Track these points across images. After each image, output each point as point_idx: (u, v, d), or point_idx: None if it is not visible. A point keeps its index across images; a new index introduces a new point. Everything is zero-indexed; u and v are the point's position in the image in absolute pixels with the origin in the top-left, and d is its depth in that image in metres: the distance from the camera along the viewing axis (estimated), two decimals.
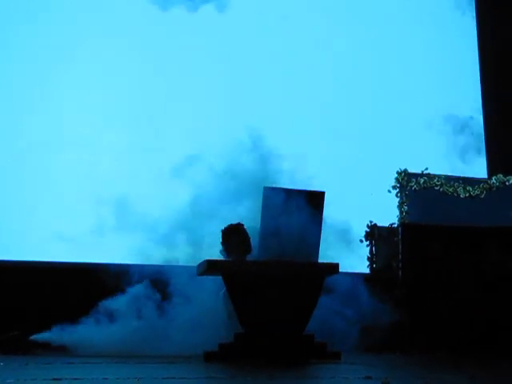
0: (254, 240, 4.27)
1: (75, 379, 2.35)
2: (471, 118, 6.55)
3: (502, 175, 5.32)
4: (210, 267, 4.00)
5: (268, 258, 3.97)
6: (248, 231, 4.46)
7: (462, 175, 5.51)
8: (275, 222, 3.97)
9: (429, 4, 7.25)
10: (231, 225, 4.47)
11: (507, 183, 5.22)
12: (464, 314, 4.70)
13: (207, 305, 4.48)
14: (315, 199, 4.05)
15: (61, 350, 4.53)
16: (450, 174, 5.51)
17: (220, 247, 4.57)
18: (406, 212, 5.22)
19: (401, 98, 6.44)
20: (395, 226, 5.27)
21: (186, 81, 6.48)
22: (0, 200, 5.94)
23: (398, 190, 5.31)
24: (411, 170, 5.41)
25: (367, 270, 5.29)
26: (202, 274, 4.19)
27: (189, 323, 4.46)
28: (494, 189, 5.25)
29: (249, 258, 4.33)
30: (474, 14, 7.37)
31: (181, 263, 5.01)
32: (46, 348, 4.54)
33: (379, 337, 4.53)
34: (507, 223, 5.10)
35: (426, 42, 7.03)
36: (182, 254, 5.18)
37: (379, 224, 5.32)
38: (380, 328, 4.55)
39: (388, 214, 5.38)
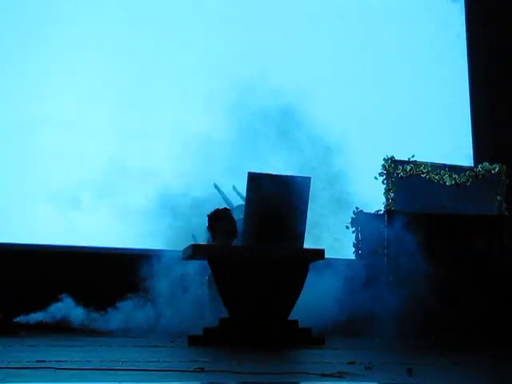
0: (241, 225, 4.28)
1: (59, 361, 2.36)
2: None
3: (487, 163, 5.34)
4: (195, 252, 4.01)
5: (253, 243, 3.98)
6: (234, 216, 4.45)
7: (448, 163, 5.49)
8: (260, 207, 3.98)
9: None
10: (217, 210, 4.48)
11: (493, 171, 5.24)
12: (451, 302, 4.71)
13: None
14: (301, 184, 4.05)
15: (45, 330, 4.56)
16: (436, 161, 5.48)
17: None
18: (392, 199, 5.22)
19: (389, 86, 6.46)
20: (381, 212, 5.25)
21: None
22: None
23: (384, 176, 5.29)
24: (398, 158, 5.38)
25: (353, 256, 5.32)
26: (187, 258, 4.20)
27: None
28: (480, 177, 5.26)
29: (235, 243, 4.33)
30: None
31: None
32: (31, 330, 4.55)
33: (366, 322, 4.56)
34: (492, 211, 5.14)
35: (418, 39, 7.03)
36: None
37: (365, 211, 5.35)
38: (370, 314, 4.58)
39: (374, 200, 5.40)
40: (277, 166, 5.13)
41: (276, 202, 3.98)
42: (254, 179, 4.02)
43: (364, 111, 6.14)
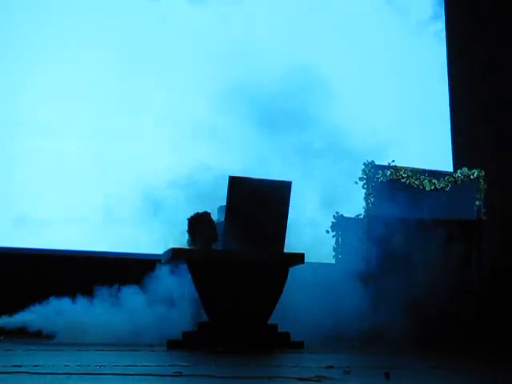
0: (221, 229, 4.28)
1: (36, 366, 2.34)
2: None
3: (466, 168, 5.38)
4: (175, 255, 4.01)
5: (233, 247, 3.98)
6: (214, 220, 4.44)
7: (428, 168, 5.53)
8: (241, 211, 3.98)
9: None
10: (197, 213, 4.45)
11: (471, 177, 5.28)
12: (429, 304, 4.74)
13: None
14: (281, 189, 4.06)
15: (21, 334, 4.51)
16: (416, 166, 5.51)
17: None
18: (372, 204, 5.23)
19: (370, 92, 6.49)
20: (361, 217, 5.27)
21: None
22: None
23: (364, 181, 5.30)
24: (378, 162, 5.41)
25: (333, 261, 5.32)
26: (167, 261, 4.21)
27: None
28: (459, 182, 5.30)
29: (214, 246, 4.32)
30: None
31: None
32: (9, 334, 4.52)
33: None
34: (471, 216, 5.18)
35: (400, 48, 7.10)
36: None
37: (346, 215, 5.36)
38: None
39: (355, 205, 5.40)
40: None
41: (256, 205, 3.98)
42: (235, 183, 4.02)
43: (346, 115, 6.15)
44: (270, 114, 5.57)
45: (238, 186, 4.02)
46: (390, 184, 5.24)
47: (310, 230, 5.07)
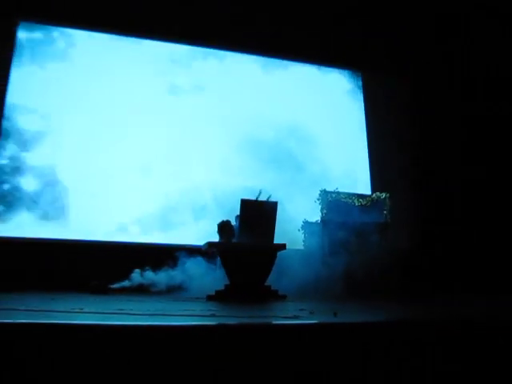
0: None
1: (131, 309, 2.28)
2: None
3: (378, 193, 5.40)
4: (210, 246, 4.02)
5: (243, 241, 3.98)
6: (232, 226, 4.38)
7: (357, 192, 5.50)
8: (248, 220, 3.98)
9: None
10: (223, 221, 4.42)
11: (381, 197, 5.30)
12: (361, 272, 4.63)
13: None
14: (272, 206, 4.06)
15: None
16: (350, 191, 5.47)
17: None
18: (324, 213, 5.21)
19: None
20: (319, 221, 5.23)
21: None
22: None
23: (320, 200, 5.26)
24: (328, 189, 5.35)
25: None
26: (206, 250, 4.21)
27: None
28: (375, 201, 5.31)
29: (232, 241, 4.31)
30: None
31: None
32: (119, 292, 4.49)
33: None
34: (382, 220, 5.19)
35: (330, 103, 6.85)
36: None
37: (310, 220, 5.30)
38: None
39: (316, 215, 5.32)
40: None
41: (257, 216, 3.98)
42: (244, 203, 4.03)
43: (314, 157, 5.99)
44: (271, 156, 5.55)
45: (245, 204, 4.03)
46: (335, 202, 5.21)
47: (292, 229, 5.02)
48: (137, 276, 4.64)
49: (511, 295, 4.41)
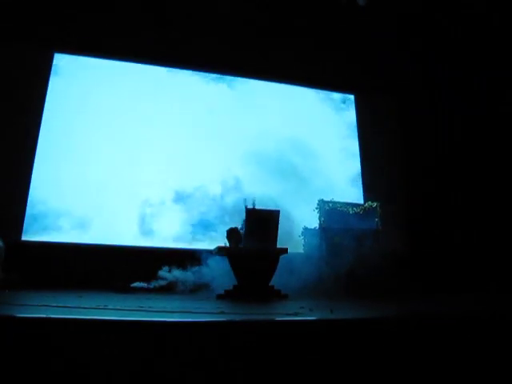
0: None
1: (150, 307, 2.31)
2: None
3: (370, 202, 5.36)
4: (219, 250, 4.02)
5: (249, 246, 3.96)
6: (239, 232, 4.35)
7: (351, 201, 5.48)
8: (253, 226, 3.97)
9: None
10: (231, 228, 4.35)
11: (373, 206, 5.27)
12: (354, 272, 4.57)
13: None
14: (274, 214, 4.02)
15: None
16: (345, 200, 5.43)
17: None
18: (323, 221, 5.17)
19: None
20: (317, 228, 5.20)
21: None
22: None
23: (318, 209, 5.23)
24: (326, 199, 5.31)
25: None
26: (215, 254, 4.21)
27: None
28: (367, 209, 5.28)
29: (240, 246, 4.28)
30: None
31: None
32: (141, 291, 4.49)
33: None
34: (373, 227, 5.14)
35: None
36: None
37: (309, 227, 5.25)
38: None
39: (314, 221, 5.26)
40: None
41: (261, 223, 3.97)
42: (249, 211, 4.03)
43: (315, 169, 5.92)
44: (276, 167, 5.54)
45: (250, 213, 4.02)
46: (331, 210, 5.19)
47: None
48: (161, 275, 4.64)
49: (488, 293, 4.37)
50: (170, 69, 6.46)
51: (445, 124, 6.65)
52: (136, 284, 4.59)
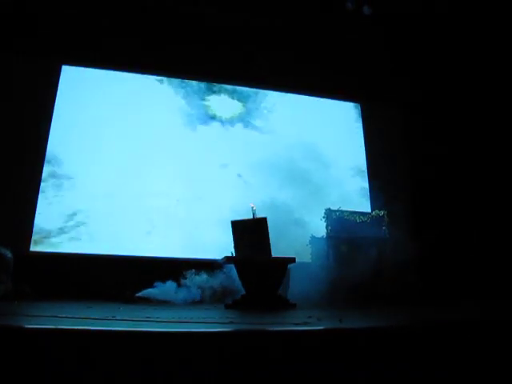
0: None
1: (158, 317, 2.29)
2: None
3: (377, 210, 5.33)
4: (227, 260, 4.00)
5: (244, 256, 3.85)
6: None
7: (358, 210, 5.42)
8: (241, 237, 3.87)
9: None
10: None
11: (380, 215, 5.24)
12: (361, 281, 4.52)
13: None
14: (261, 222, 3.83)
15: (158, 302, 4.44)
16: (352, 209, 5.38)
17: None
18: (330, 230, 5.14)
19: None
20: (324, 237, 5.17)
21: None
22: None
23: (325, 218, 5.19)
24: (332, 208, 5.27)
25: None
26: (224, 263, 4.17)
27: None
28: (374, 217, 5.24)
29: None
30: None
31: None
32: (146, 301, 4.47)
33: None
34: (381, 235, 5.11)
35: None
36: None
37: (317, 236, 5.20)
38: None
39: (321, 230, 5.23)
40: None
41: (249, 233, 3.87)
42: (234, 223, 3.92)
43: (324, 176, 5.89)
44: (286, 175, 5.53)
45: (235, 224, 3.91)
46: (338, 219, 5.16)
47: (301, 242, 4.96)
48: (165, 286, 4.64)
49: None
50: (181, 80, 6.57)
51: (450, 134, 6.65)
52: (141, 293, 4.56)
